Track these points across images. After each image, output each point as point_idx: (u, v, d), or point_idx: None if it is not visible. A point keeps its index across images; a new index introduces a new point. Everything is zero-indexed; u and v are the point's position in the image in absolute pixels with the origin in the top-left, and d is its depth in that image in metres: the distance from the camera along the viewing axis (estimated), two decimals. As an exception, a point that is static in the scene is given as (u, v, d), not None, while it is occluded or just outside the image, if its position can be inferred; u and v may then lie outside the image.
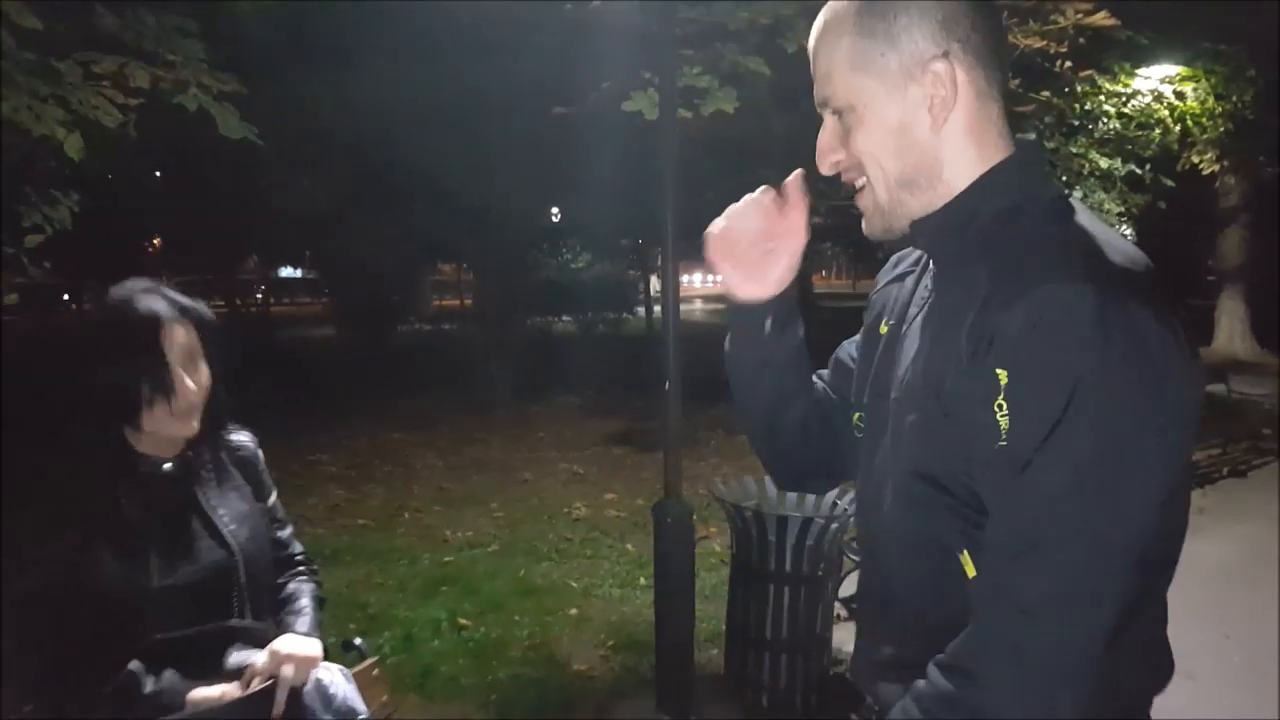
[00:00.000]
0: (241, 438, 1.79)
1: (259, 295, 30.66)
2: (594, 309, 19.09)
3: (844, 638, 3.94)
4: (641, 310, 21.49)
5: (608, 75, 5.83)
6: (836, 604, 4.03)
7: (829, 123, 1.08)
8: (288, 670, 1.54)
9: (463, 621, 4.27)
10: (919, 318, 1.10)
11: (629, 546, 5.42)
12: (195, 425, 1.60)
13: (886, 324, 1.19)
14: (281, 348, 18.26)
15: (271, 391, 11.18)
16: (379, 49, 7.28)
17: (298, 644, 1.60)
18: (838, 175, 1.10)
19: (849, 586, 4.12)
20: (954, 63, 1.01)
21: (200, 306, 1.63)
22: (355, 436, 9.00)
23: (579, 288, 18.59)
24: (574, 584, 4.80)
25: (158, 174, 12.22)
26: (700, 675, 3.63)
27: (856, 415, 1.22)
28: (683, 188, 3.50)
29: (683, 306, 4.14)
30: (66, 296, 25.13)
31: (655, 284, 22.39)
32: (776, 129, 6.82)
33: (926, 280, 1.13)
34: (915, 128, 1.03)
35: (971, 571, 0.97)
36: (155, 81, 4.20)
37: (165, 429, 1.56)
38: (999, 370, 0.89)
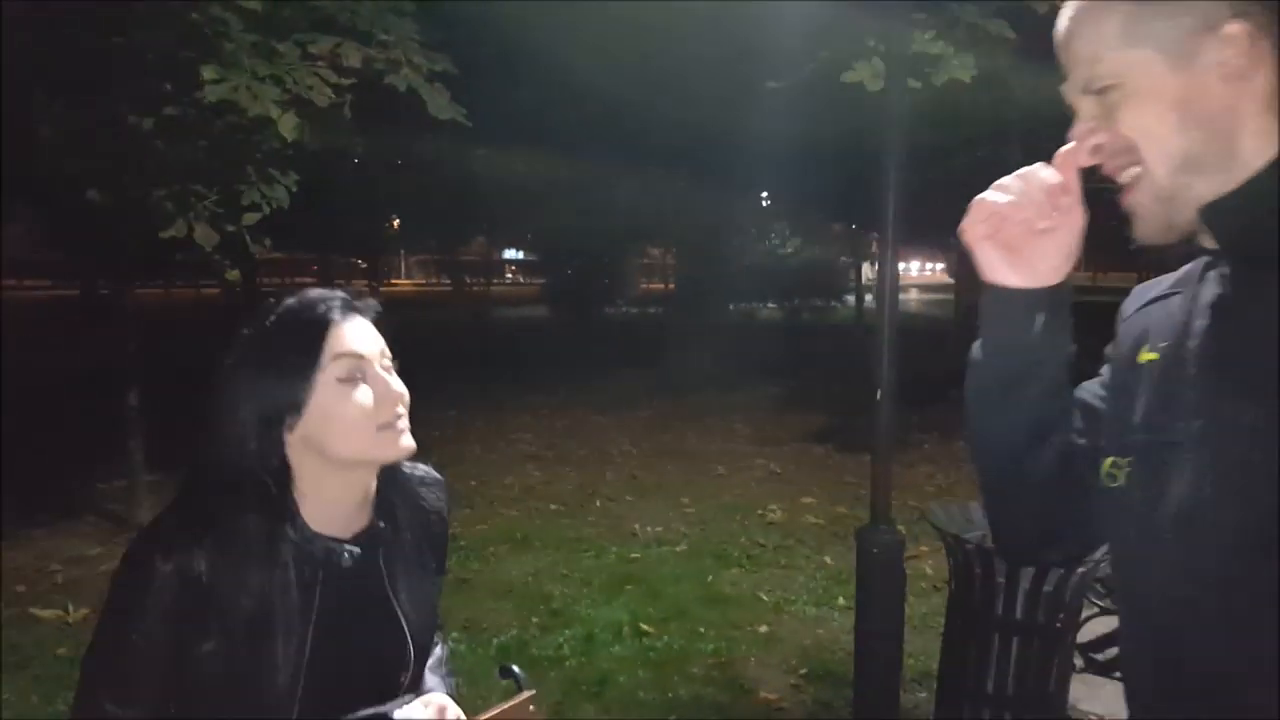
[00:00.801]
0: (430, 485, 1.38)
1: (480, 277, 32.32)
2: (801, 296, 18.54)
3: (1082, 693, 3.35)
4: (851, 298, 20.66)
5: (827, 43, 5.38)
6: (1076, 654, 3.45)
7: (1088, 104, 0.95)
8: None
9: (645, 627, 4.04)
10: (1218, 332, 0.90)
11: (827, 559, 4.99)
12: (405, 444, 1.21)
13: (1152, 350, 0.99)
14: (498, 326, 19.14)
15: (483, 369, 11.71)
16: (590, 31, 7.18)
17: (451, 707, 1.30)
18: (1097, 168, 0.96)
19: (1089, 632, 3.52)
20: (1253, 24, 0.87)
21: (371, 302, 1.27)
22: (556, 417, 9.10)
23: (786, 273, 18.09)
24: (764, 596, 4.45)
25: (399, 161, 12.93)
26: (905, 723, 3.19)
27: (1109, 462, 1.00)
28: (907, 168, 3.05)
29: (899, 296, 3.69)
30: (315, 268, 27.73)
31: (867, 271, 21.39)
32: (1019, 100, 6.06)
33: (1212, 288, 0.93)
34: (1204, 99, 0.89)
35: None
36: (368, 61, 4.24)
37: (367, 450, 1.19)
38: None
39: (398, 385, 1.20)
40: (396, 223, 24.91)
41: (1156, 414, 0.96)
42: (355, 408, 1.16)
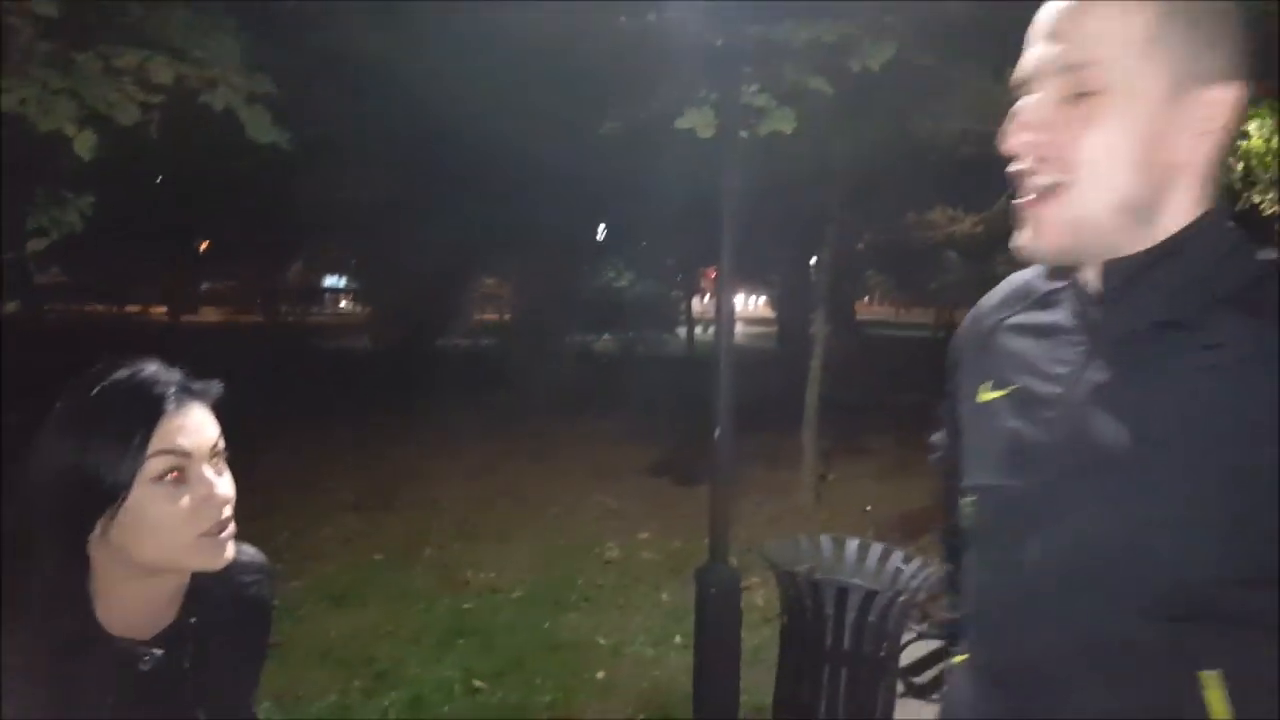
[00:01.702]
0: (254, 570, 1.21)
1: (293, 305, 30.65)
2: (636, 328, 18.80)
3: (906, 716, 3.50)
4: (683, 331, 21.16)
5: (661, 91, 5.52)
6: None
7: (1054, 93, 0.87)
8: None
9: (478, 683, 3.88)
10: (1093, 387, 0.88)
11: (664, 596, 5.01)
12: (228, 554, 1.08)
13: (997, 388, 0.98)
14: (317, 358, 18.18)
15: (299, 406, 11.05)
16: (425, 56, 7.03)
17: None
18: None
19: (908, 655, 3.70)
20: (1237, 94, 0.86)
21: (213, 385, 1.12)
22: (380, 459, 8.69)
23: (621, 306, 18.30)
24: (602, 640, 4.40)
25: (201, 175, 12.15)
26: (742, 760, 3.21)
27: (972, 499, 1.00)
28: (736, 209, 3.14)
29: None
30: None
31: (697, 304, 22.05)
32: (837, 152, 6.44)
33: (1069, 336, 0.93)
34: (1167, 148, 0.86)
35: (1215, 691, 0.80)
36: (180, 78, 3.94)
37: (181, 558, 1.05)
38: None
39: (225, 488, 1.06)
40: (204, 246, 23.34)
41: (1007, 455, 0.94)
42: (173, 513, 1.02)
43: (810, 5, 5.48)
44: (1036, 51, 0.89)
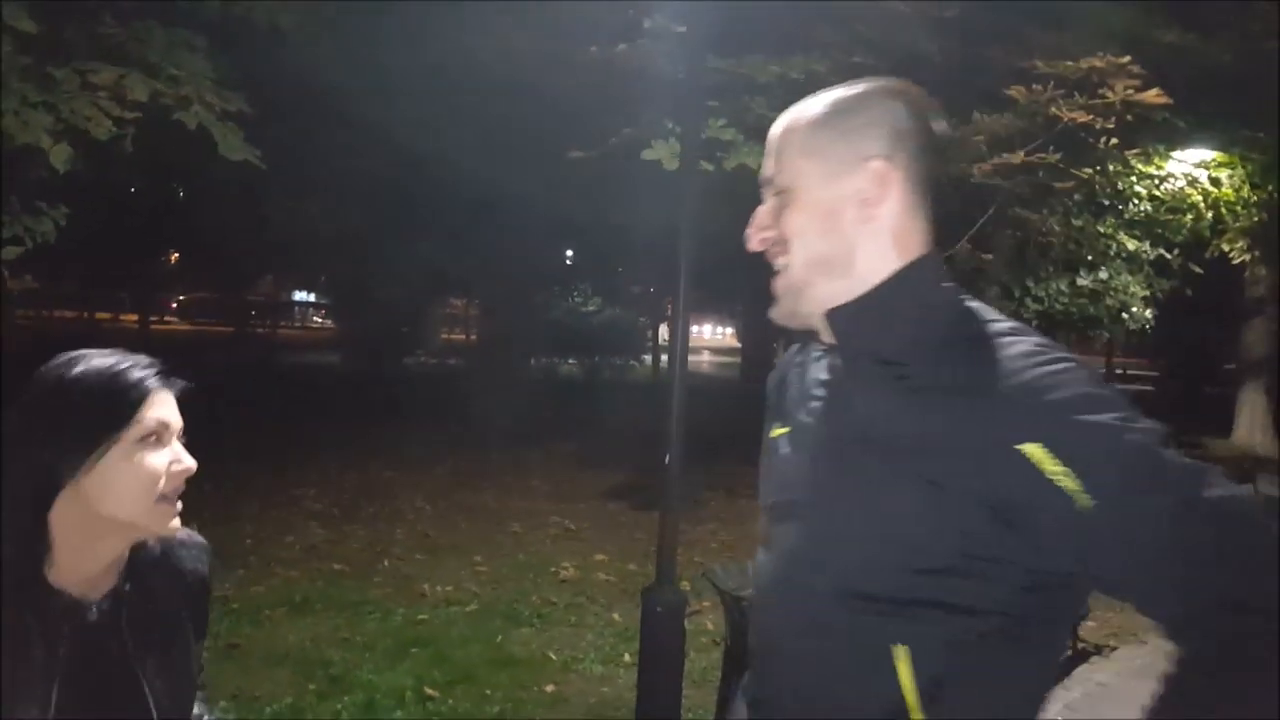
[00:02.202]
0: (193, 548, 1.34)
1: (262, 318, 30.51)
2: (601, 353, 18.91)
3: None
4: (649, 358, 21.30)
5: (629, 121, 5.68)
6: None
7: (769, 202, 1.14)
8: None
9: (430, 692, 3.94)
10: (824, 412, 1.11)
11: (615, 615, 5.10)
12: (174, 525, 1.20)
13: (781, 425, 1.20)
14: (284, 371, 18.10)
15: (266, 418, 11.04)
16: (397, 81, 7.16)
17: None
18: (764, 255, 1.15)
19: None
20: (893, 167, 1.08)
21: (176, 379, 1.24)
22: (346, 470, 8.72)
23: (587, 331, 18.41)
24: (553, 655, 4.48)
25: (175, 189, 12.14)
26: (683, 776, 3.31)
27: (762, 519, 1.22)
28: (700, 240, 3.28)
29: (691, 358, 3.91)
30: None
31: (663, 332, 22.22)
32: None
33: (818, 374, 1.15)
34: (843, 216, 1.09)
35: (902, 660, 0.98)
36: (155, 96, 4.04)
37: (137, 515, 1.16)
38: (1025, 446, 0.92)
39: (189, 461, 1.20)
40: (174, 257, 23.17)
41: (778, 479, 1.17)
42: (146, 472, 1.14)
43: (779, 41, 5.69)
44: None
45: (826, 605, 1.04)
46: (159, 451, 1.17)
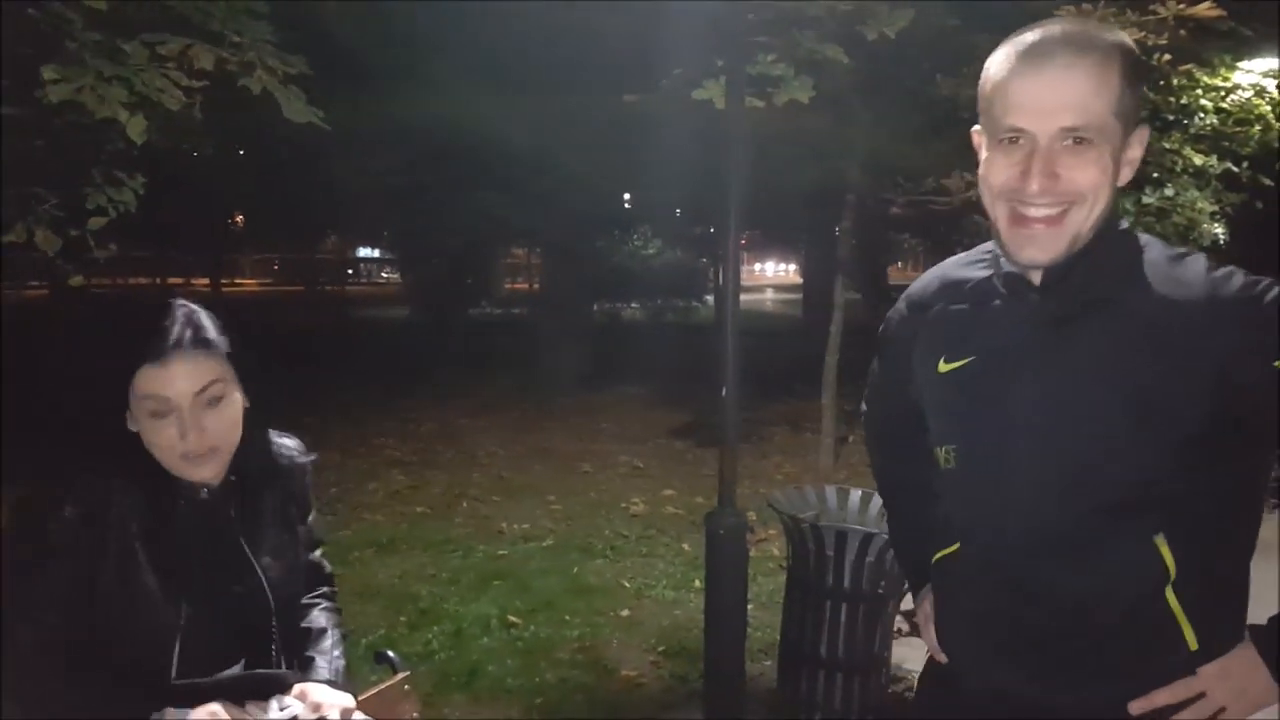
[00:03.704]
0: (289, 448, 1.58)
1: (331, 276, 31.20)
2: (663, 296, 18.93)
3: (904, 654, 3.74)
4: (711, 299, 21.26)
5: (681, 62, 5.66)
6: (899, 618, 3.83)
7: (1062, 147, 1.14)
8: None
9: (513, 619, 4.19)
10: (1046, 345, 1.19)
11: (685, 546, 5.27)
12: (212, 472, 1.38)
13: (950, 361, 1.28)
14: (356, 327, 18.62)
15: (341, 373, 11.46)
16: (449, 33, 7.23)
17: (330, 696, 1.47)
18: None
19: (911, 600, 3.92)
20: (1145, 133, 1.18)
21: (227, 338, 1.39)
22: (421, 420, 9.06)
23: (649, 274, 18.43)
24: (627, 584, 4.68)
25: (241, 152, 12.45)
26: (752, 689, 3.48)
27: (942, 450, 1.30)
28: (754, 177, 3.31)
29: (752, 296, 4.02)
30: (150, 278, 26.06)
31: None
32: (858, 119, 6.54)
33: (1018, 314, 1.22)
34: (1119, 176, 1.18)
35: (1166, 551, 1.14)
36: (220, 63, 4.18)
37: (176, 469, 1.36)
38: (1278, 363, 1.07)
39: (201, 429, 1.33)
40: (241, 219, 23.79)
41: (976, 410, 1.25)
42: (161, 438, 1.32)
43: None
44: (1036, 93, 1.14)
45: (1092, 516, 1.17)
46: (162, 421, 1.31)
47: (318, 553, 1.71)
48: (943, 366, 1.29)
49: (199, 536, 1.40)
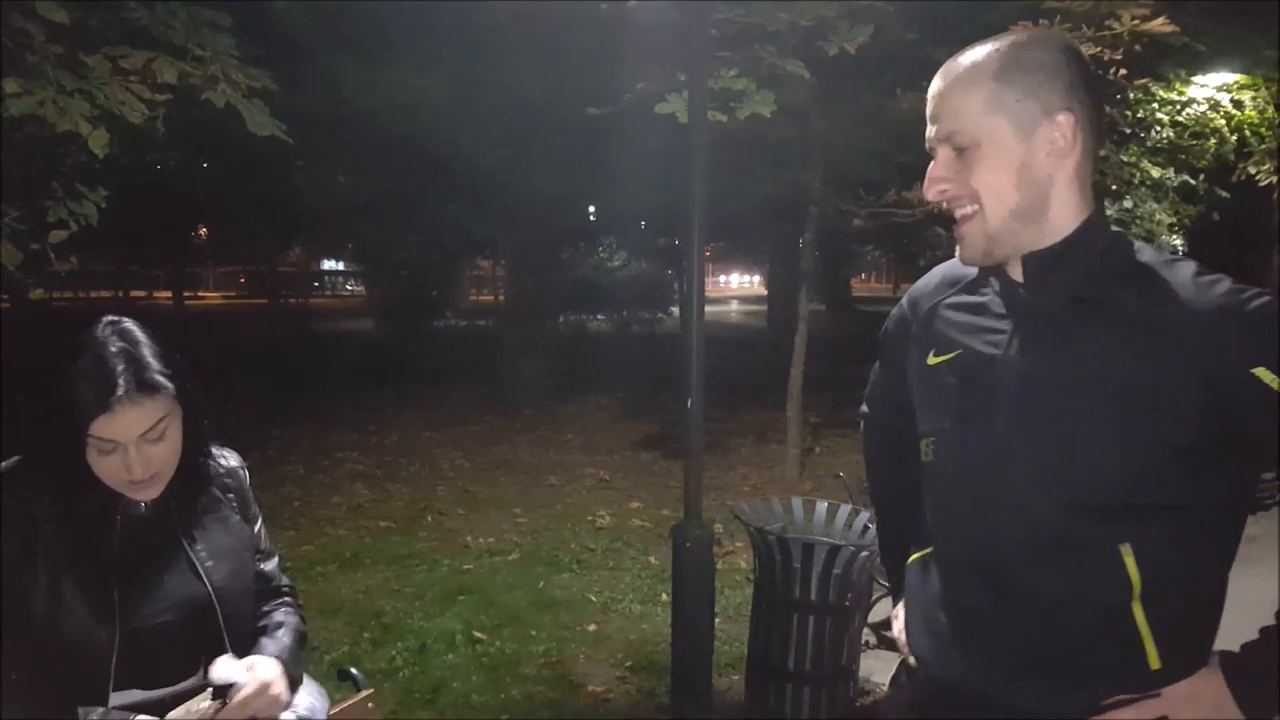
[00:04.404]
0: (228, 461, 1.67)
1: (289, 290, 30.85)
2: (629, 308, 18.98)
3: (871, 666, 3.78)
4: (677, 310, 21.35)
5: (643, 76, 5.71)
6: (866, 631, 3.88)
7: (944, 155, 1.22)
8: (255, 702, 1.46)
9: (478, 635, 4.17)
10: (1030, 340, 1.21)
11: (652, 559, 5.29)
12: (155, 493, 1.47)
13: (939, 355, 1.30)
14: (320, 339, 18.42)
15: (305, 385, 11.34)
16: (414, 44, 7.23)
17: (269, 667, 1.51)
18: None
19: (878, 612, 3.97)
20: (1076, 117, 1.18)
21: (174, 373, 1.44)
22: (385, 432, 8.99)
23: (614, 286, 18.48)
24: (593, 598, 4.68)
25: (204, 165, 12.32)
26: (720, 703, 3.50)
27: (930, 439, 1.32)
28: (717, 190, 3.34)
29: (717, 308, 4.05)
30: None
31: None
32: (818, 131, 6.63)
33: (998, 310, 1.25)
34: (1035, 168, 1.18)
35: (1131, 562, 1.13)
36: (184, 77, 4.15)
37: (123, 491, 1.45)
38: (1256, 370, 1.08)
39: (146, 458, 1.43)
40: (204, 232, 23.46)
41: (957, 404, 1.27)
42: (106, 471, 1.42)
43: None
44: (930, 110, 1.24)
45: (1060, 516, 1.17)
46: (109, 457, 1.41)
47: (272, 563, 1.73)
48: (931, 359, 1.32)
49: (138, 547, 1.48)
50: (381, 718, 2.03)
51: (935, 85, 1.23)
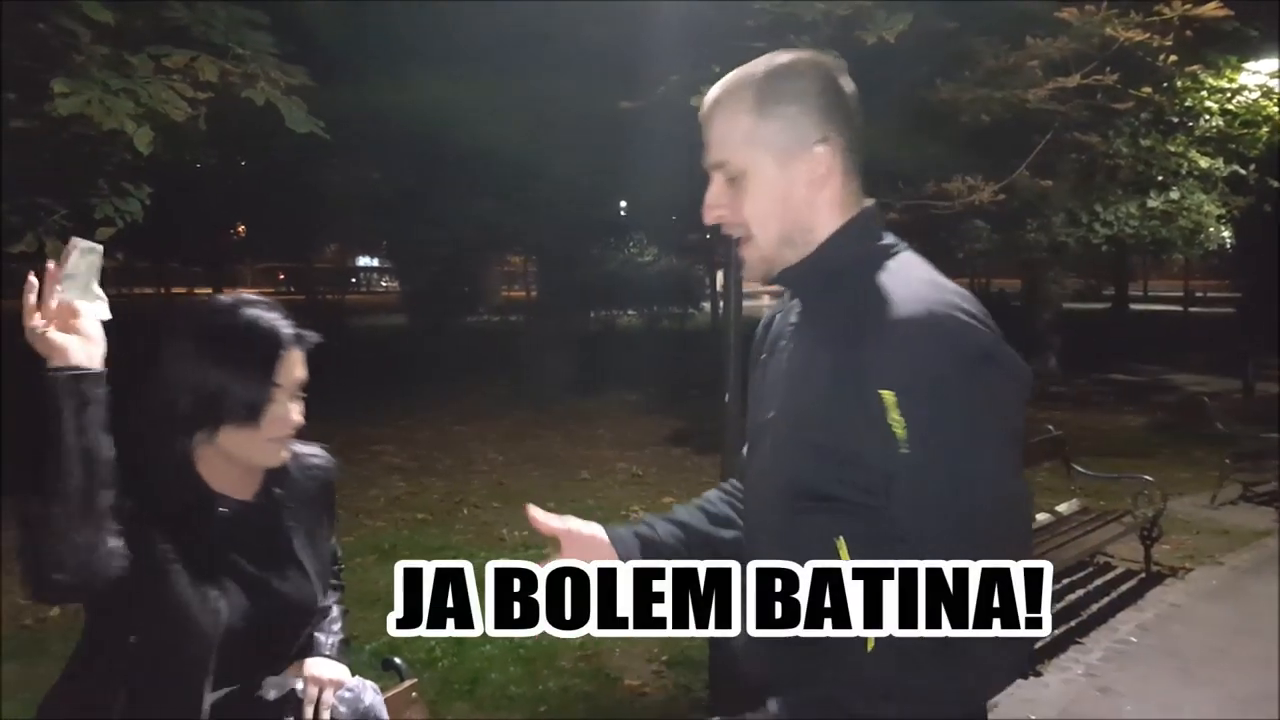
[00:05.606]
0: (317, 457, 1.67)
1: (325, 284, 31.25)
2: (659, 303, 18.97)
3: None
4: (707, 306, 21.31)
5: (677, 68, 5.68)
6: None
7: (719, 182, 1.24)
8: (325, 695, 1.56)
9: (515, 627, 4.20)
10: (787, 350, 1.27)
11: (686, 553, 5.29)
12: (284, 456, 1.50)
13: (761, 355, 1.37)
14: (355, 335, 18.64)
15: (341, 380, 11.46)
16: (446, 41, 7.27)
17: (326, 669, 1.59)
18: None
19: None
20: (832, 146, 1.20)
21: (313, 335, 1.53)
22: (419, 427, 9.08)
23: (645, 281, 18.48)
24: (629, 592, 4.69)
25: (243, 163, 12.49)
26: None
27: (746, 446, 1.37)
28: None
29: (749, 302, 4.01)
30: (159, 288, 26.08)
31: (721, 279, 22.07)
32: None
33: (790, 317, 1.30)
34: (795, 197, 1.22)
35: (844, 553, 1.15)
36: (224, 75, 4.21)
37: (252, 455, 1.46)
38: (883, 391, 1.07)
39: (295, 415, 1.49)
40: (241, 229, 23.81)
41: (754, 405, 1.35)
42: (296, 414, 1.47)
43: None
44: (704, 134, 1.26)
45: (785, 507, 1.22)
46: (273, 407, 1.44)
47: (338, 550, 1.81)
48: (753, 365, 1.40)
49: (248, 543, 1.49)
50: (425, 705, 2.06)
51: (703, 110, 1.26)
